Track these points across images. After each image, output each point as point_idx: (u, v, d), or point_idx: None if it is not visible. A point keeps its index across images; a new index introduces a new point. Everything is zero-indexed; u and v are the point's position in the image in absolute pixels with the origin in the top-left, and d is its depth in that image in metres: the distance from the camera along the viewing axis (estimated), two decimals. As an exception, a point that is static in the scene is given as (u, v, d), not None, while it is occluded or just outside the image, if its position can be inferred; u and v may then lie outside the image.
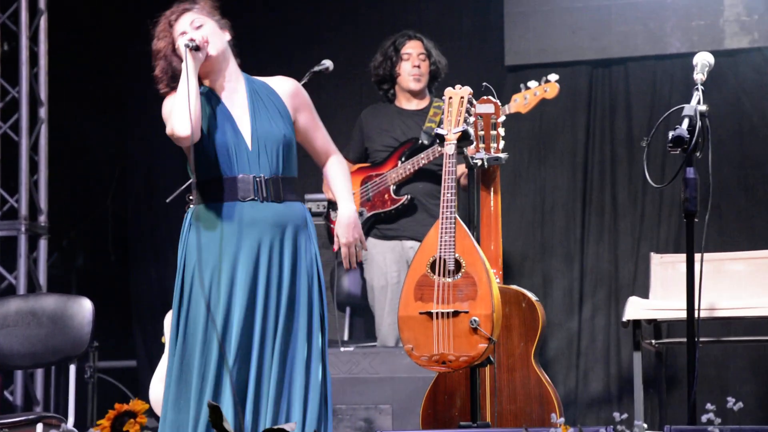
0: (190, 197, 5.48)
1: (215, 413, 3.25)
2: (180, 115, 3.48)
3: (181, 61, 3.59)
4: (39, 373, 6.28)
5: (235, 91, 3.66)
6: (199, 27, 3.60)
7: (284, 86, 3.74)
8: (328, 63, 5.14)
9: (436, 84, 5.47)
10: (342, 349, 5.07)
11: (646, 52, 6.10)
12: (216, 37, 3.62)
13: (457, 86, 4.36)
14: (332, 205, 5.47)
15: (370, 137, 5.37)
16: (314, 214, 5.77)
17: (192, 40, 3.55)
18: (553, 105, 5.93)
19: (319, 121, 3.78)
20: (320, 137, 3.78)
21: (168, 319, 5.44)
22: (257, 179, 3.56)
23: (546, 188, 6.23)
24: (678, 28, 6.03)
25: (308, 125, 3.75)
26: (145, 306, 6.77)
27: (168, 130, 3.53)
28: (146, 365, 6.56)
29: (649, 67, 6.12)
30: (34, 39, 6.47)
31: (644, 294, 5.21)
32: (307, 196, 5.87)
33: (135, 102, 6.99)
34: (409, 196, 5.31)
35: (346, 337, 5.76)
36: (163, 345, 5.48)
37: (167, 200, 5.61)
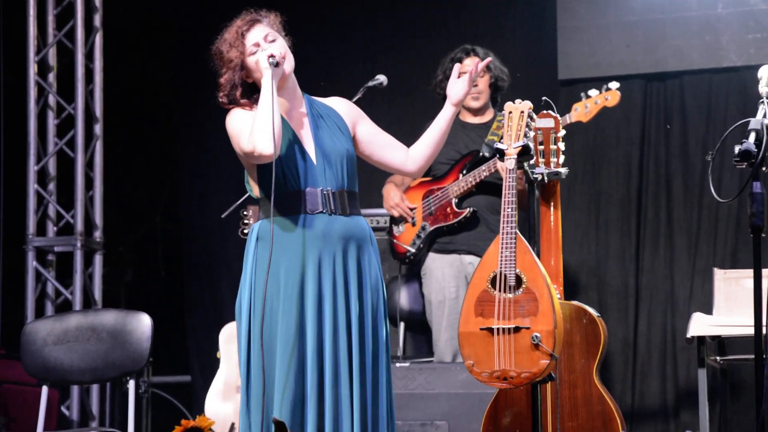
0: (245, 212, 5.52)
1: (280, 430, 3.25)
2: (263, 133, 3.43)
3: (249, 74, 3.58)
4: (95, 388, 6.31)
5: (297, 108, 3.65)
6: (272, 41, 3.58)
7: (340, 104, 3.76)
8: (382, 78, 5.12)
9: (500, 94, 5.45)
10: (398, 364, 5.06)
11: (701, 65, 6.05)
12: (289, 53, 3.61)
13: (517, 100, 4.34)
14: (394, 219, 5.46)
15: None
16: (374, 230, 5.77)
17: (273, 56, 3.51)
18: (608, 118, 5.89)
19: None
20: (388, 135, 3.79)
21: (224, 334, 5.46)
22: (324, 192, 3.55)
23: (600, 202, 6.19)
24: (734, 42, 5.97)
25: (372, 131, 3.76)
26: (199, 321, 6.79)
27: (247, 148, 3.46)
28: (201, 380, 6.58)
29: (705, 80, 6.07)
30: (89, 56, 6.53)
31: (702, 309, 5.16)
32: (362, 212, 5.87)
33: (186, 117, 7.03)
34: (471, 209, 5.29)
35: (399, 353, 5.74)
36: (218, 360, 5.50)
37: (222, 216, 5.63)
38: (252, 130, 3.46)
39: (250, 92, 3.60)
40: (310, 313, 3.49)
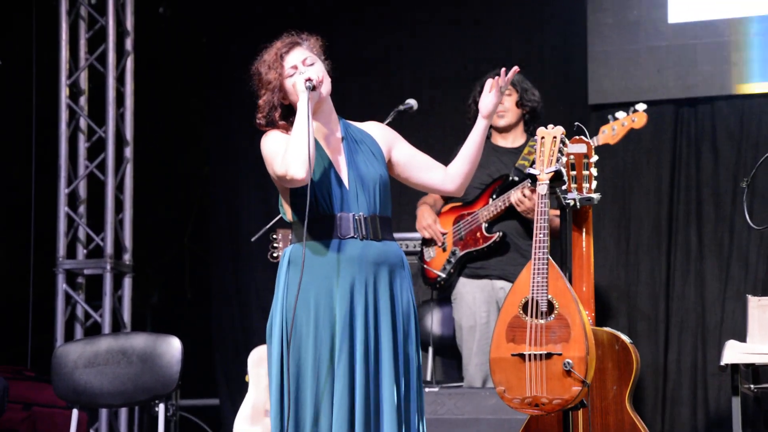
0: (274, 236, 5.52)
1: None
2: (297, 157, 3.43)
3: (286, 96, 3.58)
4: (123, 411, 6.31)
5: (332, 133, 3.65)
6: (311, 65, 3.58)
7: (375, 129, 3.76)
8: (412, 102, 5.12)
9: (536, 121, 5.41)
10: (427, 389, 5.03)
11: (732, 91, 6.03)
12: (327, 77, 3.62)
13: (550, 126, 4.33)
14: (426, 242, 5.45)
15: None
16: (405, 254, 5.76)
17: (310, 80, 3.51)
18: (638, 143, 5.87)
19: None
20: (426, 156, 3.79)
21: (252, 358, 5.45)
22: (356, 217, 3.55)
23: (631, 227, 6.16)
24: (766, 67, 5.94)
25: (409, 152, 3.76)
26: (227, 344, 6.79)
27: (280, 171, 3.46)
28: (229, 403, 6.57)
29: (736, 106, 6.04)
30: (120, 79, 6.57)
31: (733, 335, 5.10)
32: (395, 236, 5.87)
33: (216, 139, 7.05)
34: (501, 233, 5.27)
35: (429, 377, 5.72)
36: (246, 383, 5.50)
37: (252, 239, 5.64)
38: (286, 153, 3.46)
39: (288, 114, 3.60)
40: (342, 339, 3.48)
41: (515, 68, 3.77)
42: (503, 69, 3.76)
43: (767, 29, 5.94)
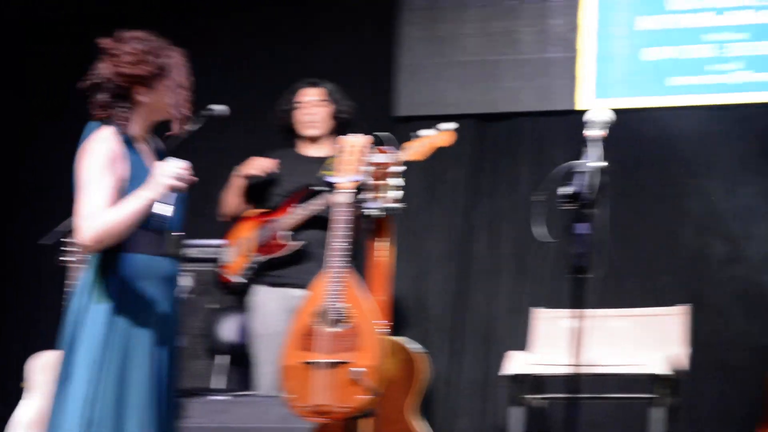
0: (64, 240, 5.32)
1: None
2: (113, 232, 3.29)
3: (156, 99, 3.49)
4: None
5: (150, 144, 3.54)
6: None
7: None
8: (218, 108, 4.97)
9: (345, 130, 5.39)
10: (219, 397, 4.96)
11: (532, 107, 6.16)
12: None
13: (354, 135, 4.33)
14: (227, 249, 5.37)
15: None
16: (201, 260, 5.68)
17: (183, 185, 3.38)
18: (439, 156, 5.91)
19: None
20: None
21: (38, 363, 5.27)
22: (172, 234, 3.45)
23: (428, 240, 6.22)
24: (565, 86, 6.10)
25: None
26: (5, 350, 6.51)
27: (83, 224, 3.28)
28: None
29: (536, 122, 6.18)
30: None
31: (524, 348, 5.18)
32: (191, 242, 5.78)
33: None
34: (299, 242, 5.23)
35: (221, 385, 5.64)
36: (22, 389, 5.31)
37: (45, 242, 5.43)
38: (108, 221, 3.29)
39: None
40: (161, 351, 3.42)
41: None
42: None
43: (565, 48, 6.09)
